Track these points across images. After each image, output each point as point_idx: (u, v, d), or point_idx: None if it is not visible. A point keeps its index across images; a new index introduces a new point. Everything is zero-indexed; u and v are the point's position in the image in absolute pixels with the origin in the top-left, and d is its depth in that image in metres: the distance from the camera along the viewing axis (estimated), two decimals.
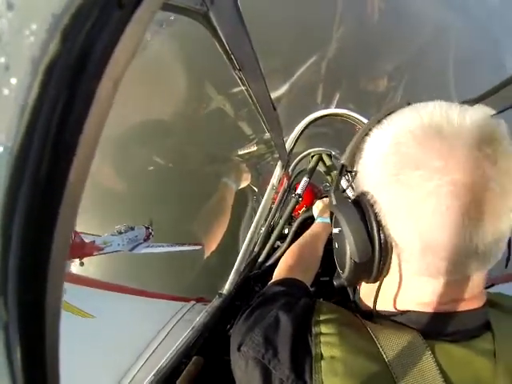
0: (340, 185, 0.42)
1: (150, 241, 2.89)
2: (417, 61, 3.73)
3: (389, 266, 0.37)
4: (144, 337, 1.18)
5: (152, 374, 0.75)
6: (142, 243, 2.80)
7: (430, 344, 0.34)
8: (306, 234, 0.94)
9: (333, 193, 0.40)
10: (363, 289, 0.46)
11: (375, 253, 0.35)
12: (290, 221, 1.68)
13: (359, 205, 0.36)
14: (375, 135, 0.37)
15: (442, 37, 3.70)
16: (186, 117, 3.52)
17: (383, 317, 0.40)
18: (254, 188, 3.42)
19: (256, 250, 1.50)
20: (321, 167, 1.61)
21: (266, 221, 1.55)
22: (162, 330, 1.22)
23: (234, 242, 2.90)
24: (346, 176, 0.41)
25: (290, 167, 1.65)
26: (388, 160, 0.34)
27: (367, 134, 0.38)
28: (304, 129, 1.43)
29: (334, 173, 1.56)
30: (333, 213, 0.42)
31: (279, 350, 0.37)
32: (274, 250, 1.54)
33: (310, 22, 3.37)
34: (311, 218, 1.28)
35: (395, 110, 0.37)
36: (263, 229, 1.57)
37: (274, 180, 1.36)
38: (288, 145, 1.37)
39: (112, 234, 2.59)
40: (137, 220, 2.85)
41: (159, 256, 2.91)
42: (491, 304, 0.40)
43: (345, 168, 0.41)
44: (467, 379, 0.33)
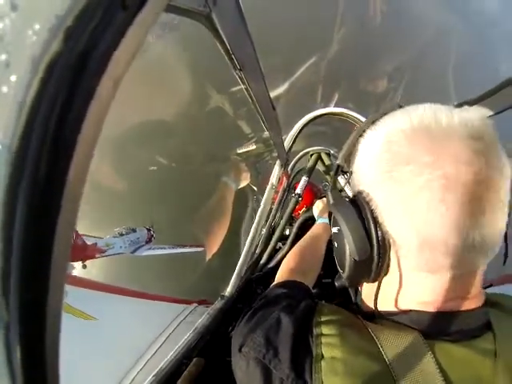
0: (337, 184, 0.43)
1: (151, 243, 2.89)
2: (417, 62, 3.73)
3: (388, 264, 0.37)
4: (145, 339, 1.18)
5: (152, 375, 0.75)
6: (143, 245, 2.80)
7: (430, 344, 0.34)
8: (307, 236, 0.94)
9: (330, 192, 0.41)
10: (364, 290, 0.46)
11: (374, 250, 0.36)
12: (290, 221, 1.67)
13: (356, 203, 0.37)
14: (368, 136, 0.38)
15: (442, 39, 3.71)
16: (186, 116, 3.53)
17: (385, 317, 0.40)
18: (254, 187, 3.42)
19: (257, 251, 1.50)
20: (320, 166, 1.60)
21: (266, 222, 1.54)
22: (163, 332, 1.21)
23: (236, 243, 2.89)
24: (343, 176, 0.42)
25: (289, 166, 1.64)
26: (381, 158, 0.35)
27: (361, 135, 0.39)
28: (302, 128, 1.43)
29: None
30: (331, 213, 0.43)
31: (280, 350, 0.37)
32: (275, 251, 1.53)
33: (310, 23, 3.39)
34: (312, 219, 1.27)
35: (387, 113, 0.38)
36: (264, 230, 1.56)
37: (273, 179, 1.36)
38: (286, 143, 1.36)
39: (114, 236, 2.59)
40: (137, 220, 2.85)
41: (161, 258, 2.91)
42: (492, 304, 0.40)
43: (340, 168, 0.42)
44: (468, 379, 0.33)
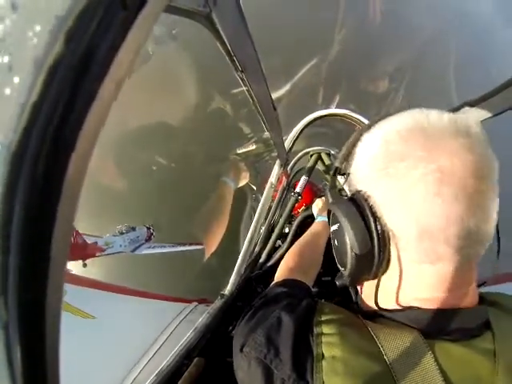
0: (337, 183, 0.44)
1: (151, 241, 2.89)
2: (417, 62, 3.73)
3: (388, 259, 0.38)
4: (145, 338, 1.18)
5: (153, 375, 0.75)
6: (143, 244, 2.80)
7: (430, 343, 0.35)
8: (306, 234, 0.94)
9: (329, 191, 0.43)
10: (365, 289, 0.46)
11: (374, 243, 0.36)
12: (290, 220, 1.68)
13: (355, 201, 0.38)
14: (365, 139, 0.40)
15: (442, 39, 3.71)
16: (187, 118, 3.53)
17: (385, 316, 0.40)
18: (253, 187, 3.42)
19: (257, 250, 1.50)
20: (320, 166, 1.61)
21: (265, 220, 1.54)
22: (163, 331, 1.21)
23: (235, 242, 2.89)
24: (342, 177, 0.44)
25: (289, 166, 1.64)
26: (377, 157, 0.37)
27: (358, 139, 0.41)
28: (303, 128, 1.43)
29: None
30: (330, 212, 0.44)
31: (281, 349, 0.38)
32: (274, 249, 1.54)
33: (311, 24, 3.38)
34: (311, 217, 1.28)
35: (383, 118, 0.41)
36: (263, 228, 1.56)
37: (272, 179, 1.36)
38: (287, 144, 1.36)
39: (113, 235, 2.59)
40: (137, 220, 2.85)
41: (161, 257, 2.91)
42: (490, 303, 0.40)
43: (338, 170, 0.43)
44: (467, 379, 0.33)
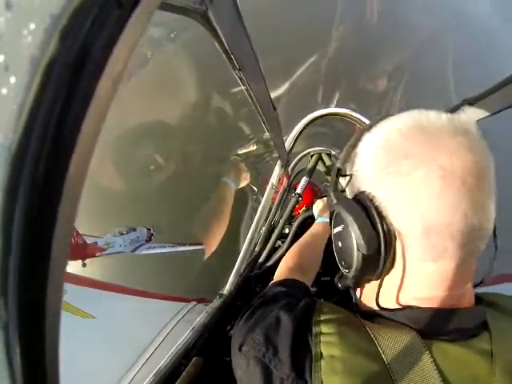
0: (339, 184, 0.44)
1: (151, 242, 2.89)
2: (416, 61, 3.73)
3: (394, 257, 0.37)
4: (144, 337, 1.18)
5: (152, 375, 0.75)
6: (143, 244, 2.80)
7: (427, 343, 0.35)
8: (306, 234, 0.94)
9: (332, 193, 0.43)
10: (365, 290, 0.46)
11: (380, 243, 0.36)
12: (290, 220, 1.68)
13: (359, 201, 0.38)
14: (367, 139, 0.41)
15: (440, 39, 3.72)
16: (186, 118, 3.52)
17: (383, 315, 0.40)
18: (254, 187, 3.41)
19: (257, 249, 1.50)
20: (320, 167, 1.61)
21: (266, 221, 1.54)
22: (162, 330, 1.21)
23: (235, 242, 2.89)
24: (344, 178, 0.44)
25: (290, 167, 1.64)
26: (380, 157, 0.37)
27: (359, 139, 0.41)
28: (303, 128, 1.43)
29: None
30: (332, 213, 0.43)
31: (280, 349, 0.38)
32: (274, 249, 1.54)
33: (310, 23, 3.38)
34: (312, 218, 1.28)
35: (383, 119, 0.41)
36: (263, 229, 1.56)
37: (273, 179, 1.36)
38: (287, 144, 1.37)
39: (114, 235, 2.58)
40: (137, 220, 2.85)
41: (160, 256, 2.91)
42: (488, 304, 0.40)
43: (340, 172, 0.43)
44: (465, 379, 0.33)
